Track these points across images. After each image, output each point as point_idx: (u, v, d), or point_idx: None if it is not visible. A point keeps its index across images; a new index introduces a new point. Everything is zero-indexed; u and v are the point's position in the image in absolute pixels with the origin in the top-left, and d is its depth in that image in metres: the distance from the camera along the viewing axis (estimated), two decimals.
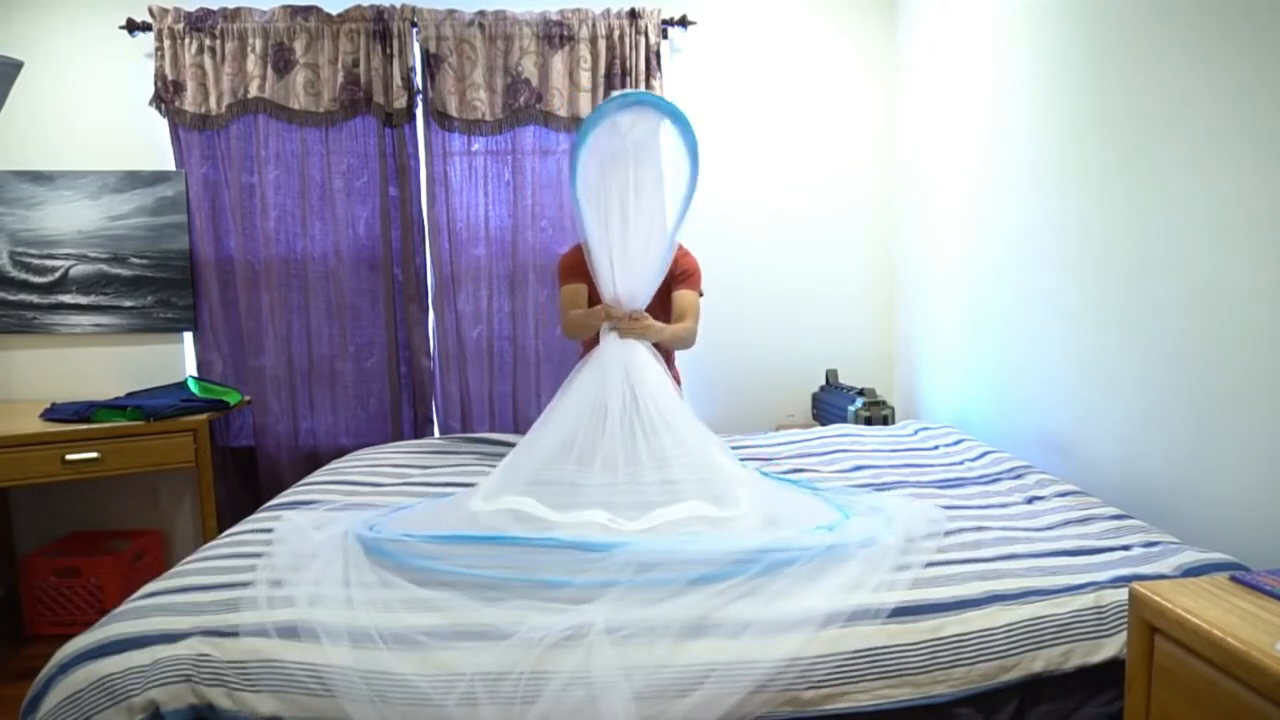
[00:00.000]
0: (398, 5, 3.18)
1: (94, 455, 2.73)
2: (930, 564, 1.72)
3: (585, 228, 2.28)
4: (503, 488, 2.00)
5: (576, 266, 2.51)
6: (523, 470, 2.06)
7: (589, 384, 2.21)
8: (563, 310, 2.60)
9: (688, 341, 2.61)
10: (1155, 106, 1.98)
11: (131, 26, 3.17)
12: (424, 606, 1.56)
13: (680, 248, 2.63)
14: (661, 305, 2.60)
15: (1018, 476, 2.29)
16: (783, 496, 2.10)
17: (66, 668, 1.43)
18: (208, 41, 3.16)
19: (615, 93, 2.38)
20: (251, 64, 3.16)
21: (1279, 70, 1.64)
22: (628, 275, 2.31)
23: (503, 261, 3.35)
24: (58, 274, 3.23)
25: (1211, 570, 1.57)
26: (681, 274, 2.63)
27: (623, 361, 2.23)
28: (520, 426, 3.31)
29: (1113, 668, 1.50)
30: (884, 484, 2.30)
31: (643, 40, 3.24)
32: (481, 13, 3.21)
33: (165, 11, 3.13)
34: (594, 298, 2.50)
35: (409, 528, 1.86)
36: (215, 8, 3.16)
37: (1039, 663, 1.51)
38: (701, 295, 2.71)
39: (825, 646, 1.48)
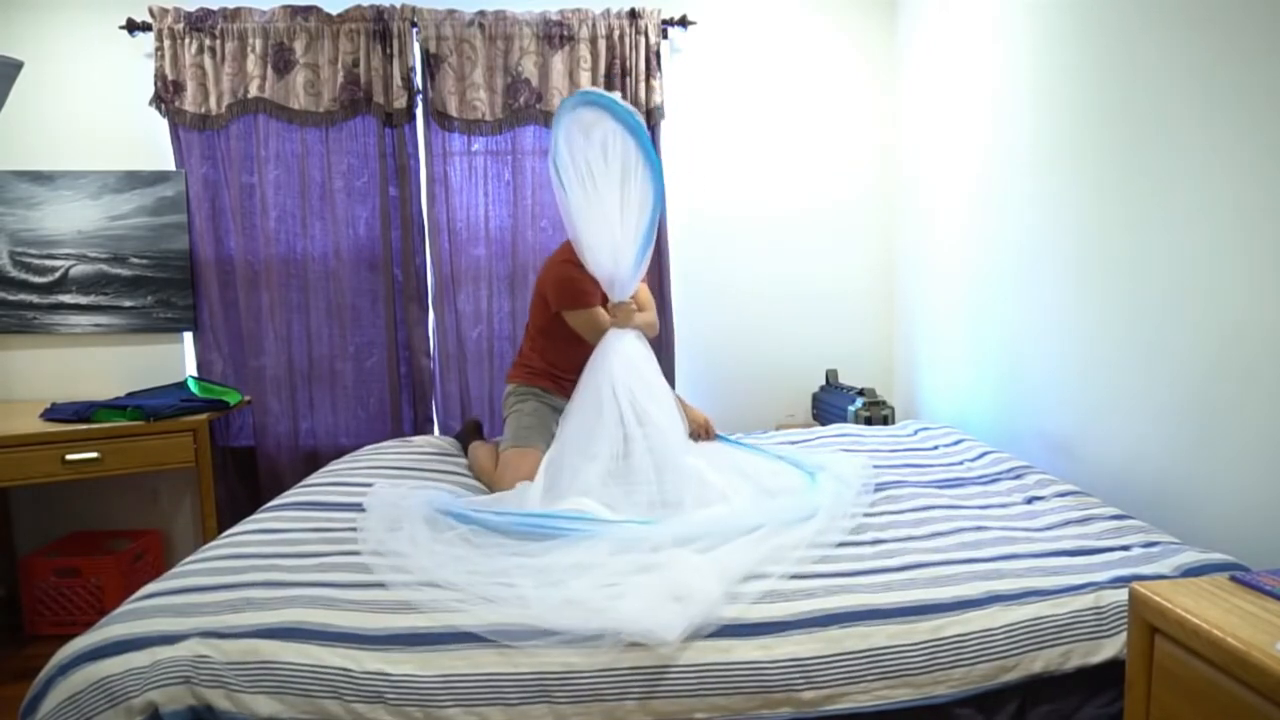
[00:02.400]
0: (398, 5, 3.18)
1: (94, 455, 2.73)
2: (930, 564, 1.74)
3: (572, 210, 2.38)
4: (557, 490, 2.19)
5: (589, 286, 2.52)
6: (573, 474, 2.22)
7: (598, 381, 2.35)
8: (588, 330, 2.54)
9: (655, 328, 2.71)
10: (1157, 106, 1.98)
11: (131, 26, 3.17)
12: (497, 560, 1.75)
13: None
14: None
15: (1018, 476, 2.29)
16: (753, 467, 2.36)
17: (66, 669, 1.43)
18: (208, 41, 3.16)
19: (580, 90, 2.46)
20: (251, 64, 3.16)
21: None
22: (621, 256, 2.41)
23: (503, 261, 3.35)
24: (58, 274, 3.23)
25: (1211, 570, 1.57)
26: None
27: (624, 355, 2.38)
28: None
29: (1113, 668, 1.50)
30: (884, 484, 2.30)
31: (643, 40, 3.24)
32: (481, 13, 3.21)
33: (165, 11, 3.13)
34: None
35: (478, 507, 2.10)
36: (215, 8, 3.16)
37: (1039, 663, 1.51)
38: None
39: (825, 646, 1.48)
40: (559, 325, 2.60)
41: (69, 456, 2.71)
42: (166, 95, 3.16)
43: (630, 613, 1.51)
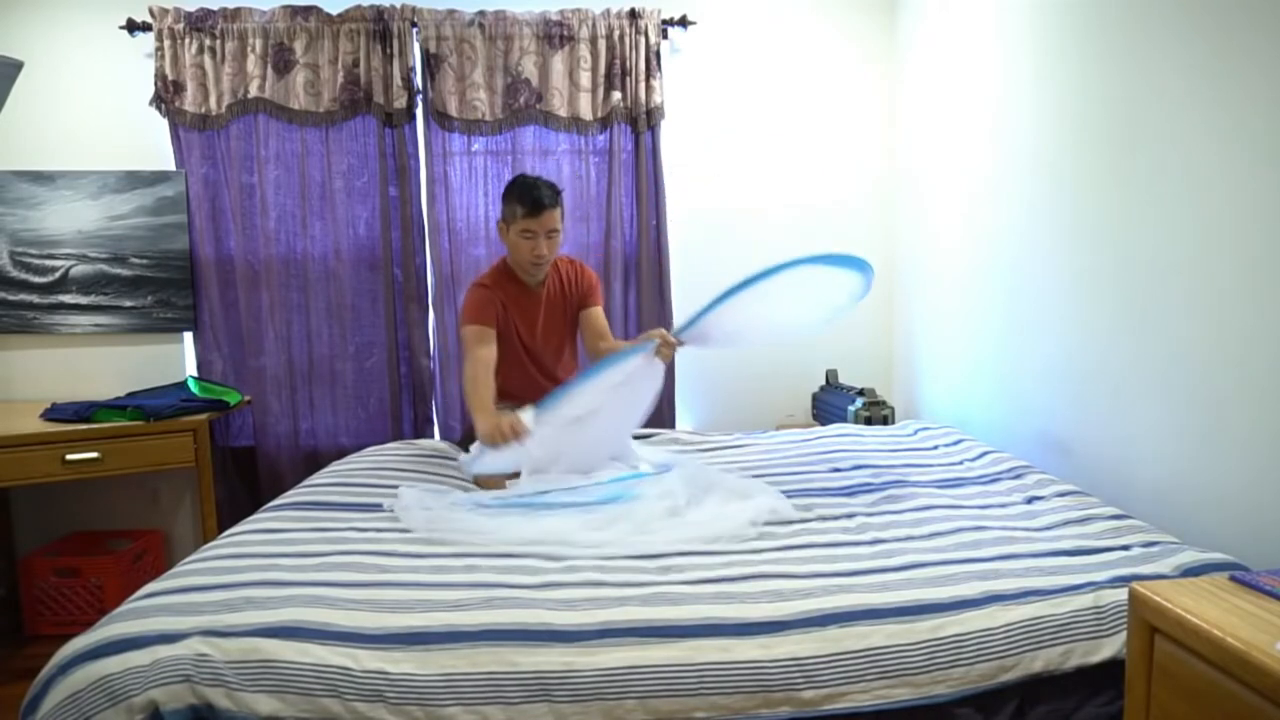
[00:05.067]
0: (398, 5, 3.18)
1: (94, 455, 2.73)
2: (930, 564, 1.74)
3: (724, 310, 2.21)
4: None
5: (488, 305, 2.48)
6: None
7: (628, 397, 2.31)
8: (471, 342, 2.44)
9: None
10: (1157, 106, 1.98)
11: (131, 26, 3.17)
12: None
13: (577, 262, 2.66)
14: (568, 327, 2.63)
15: (1017, 476, 2.29)
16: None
17: (66, 668, 1.43)
18: (208, 41, 3.16)
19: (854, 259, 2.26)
20: (251, 64, 3.16)
21: None
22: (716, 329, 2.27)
23: None
24: (58, 274, 3.23)
25: (1211, 570, 1.57)
26: (589, 289, 2.63)
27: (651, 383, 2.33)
28: None
29: (1112, 668, 1.50)
30: (883, 484, 2.30)
31: (643, 40, 3.24)
32: (481, 13, 3.21)
33: (165, 11, 3.13)
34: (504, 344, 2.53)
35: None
36: (215, 8, 3.16)
37: (1038, 663, 1.51)
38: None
39: (825, 646, 1.48)
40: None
41: (69, 456, 2.71)
42: (166, 95, 3.16)
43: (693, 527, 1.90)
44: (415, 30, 3.21)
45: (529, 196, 2.39)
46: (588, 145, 3.33)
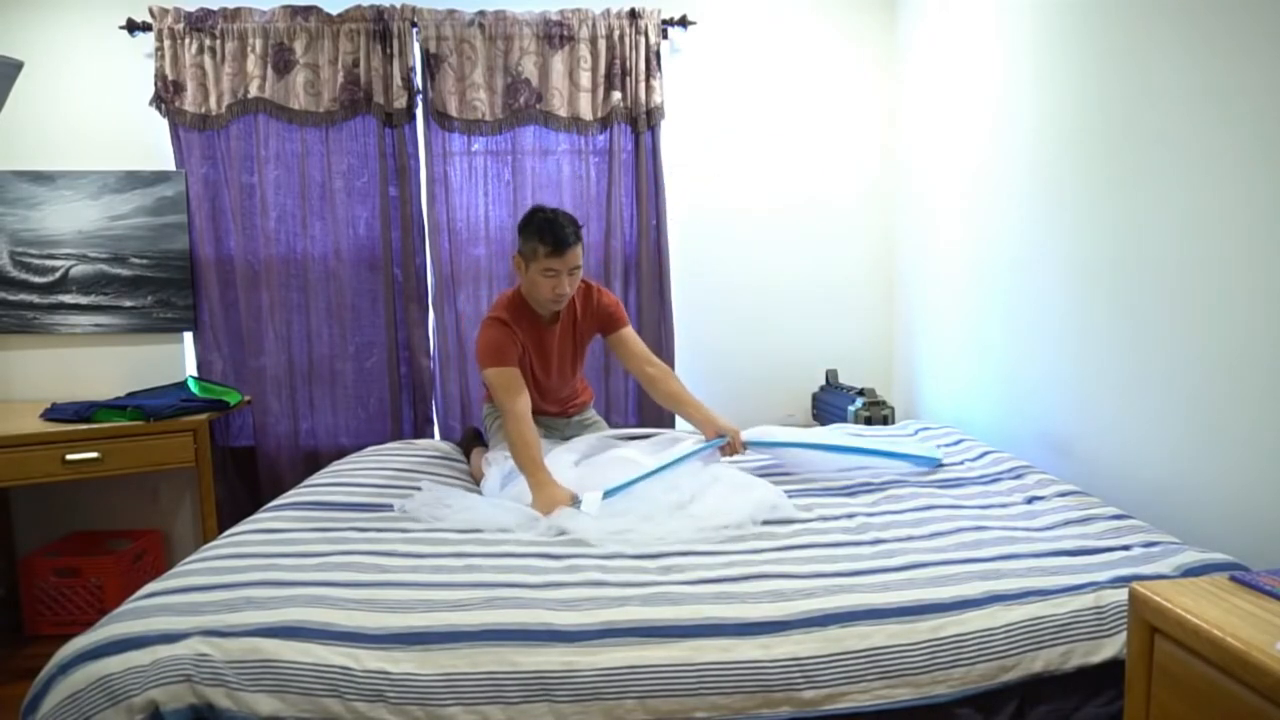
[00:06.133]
0: (398, 5, 3.18)
1: (94, 455, 2.73)
2: (930, 564, 1.74)
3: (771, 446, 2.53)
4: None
5: (509, 345, 2.39)
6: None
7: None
8: (500, 387, 2.35)
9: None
10: (1157, 106, 1.98)
11: (131, 26, 3.17)
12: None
13: (594, 287, 2.55)
14: (579, 352, 2.60)
15: (1018, 476, 2.29)
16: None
17: (66, 668, 1.43)
18: (208, 41, 3.16)
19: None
20: (251, 64, 3.16)
21: None
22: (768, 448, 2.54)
23: (503, 261, 3.35)
24: (58, 274, 3.23)
25: (1211, 570, 1.57)
26: (608, 315, 2.56)
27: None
28: None
29: (1113, 668, 1.50)
30: (883, 483, 2.31)
31: (643, 40, 3.24)
32: (481, 13, 3.21)
33: (165, 11, 3.13)
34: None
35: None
36: (215, 8, 3.16)
37: (1039, 663, 1.51)
38: None
39: (825, 646, 1.48)
40: None
41: (69, 456, 2.71)
42: (166, 95, 3.16)
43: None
44: (415, 30, 3.21)
45: (552, 234, 2.27)
46: (588, 145, 3.33)
